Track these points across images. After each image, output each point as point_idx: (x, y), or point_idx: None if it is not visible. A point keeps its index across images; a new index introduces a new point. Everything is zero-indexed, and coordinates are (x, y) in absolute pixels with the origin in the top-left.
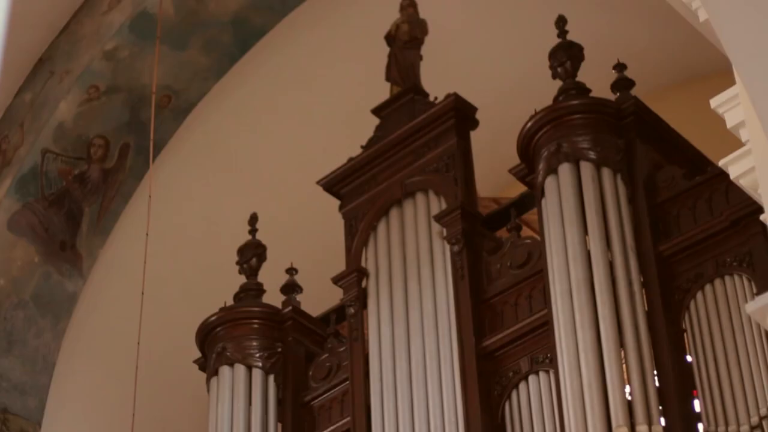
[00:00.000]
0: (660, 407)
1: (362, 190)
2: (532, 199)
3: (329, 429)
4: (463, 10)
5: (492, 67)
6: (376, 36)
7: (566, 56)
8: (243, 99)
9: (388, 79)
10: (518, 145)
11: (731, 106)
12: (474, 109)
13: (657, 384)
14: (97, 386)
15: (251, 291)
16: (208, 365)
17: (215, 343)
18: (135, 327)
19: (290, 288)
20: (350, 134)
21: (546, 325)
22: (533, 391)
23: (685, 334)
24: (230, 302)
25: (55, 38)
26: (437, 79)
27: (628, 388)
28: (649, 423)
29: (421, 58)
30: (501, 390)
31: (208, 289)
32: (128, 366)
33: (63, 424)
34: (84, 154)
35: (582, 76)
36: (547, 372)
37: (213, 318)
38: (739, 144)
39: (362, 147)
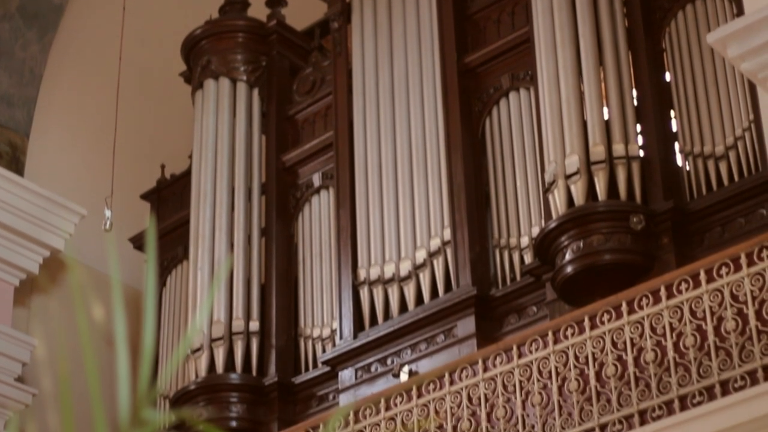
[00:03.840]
0: (637, 126)
1: None
2: None
3: (312, 142)
4: None
5: None
6: None
7: None
8: None
9: None
10: None
11: None
12: None
13: (635, 103)
14: (83, 99)
15: (236, 4)
16: (193, 78)
17: (200, 57)
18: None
19: (275, 1)
20: None
21: (527, 42)
22: (513, 107)
23: (664, 54)
24: (215, 15)
25: None
26: None
27: (606, 109)
28: (626, 142)
29: None
30: (482, 106)
31: (193, 1)
32: (114, 79)
33: (50, 135)
34: None
35: None
36: (528, 89)
37: (198, 31)
38: None
39: None
